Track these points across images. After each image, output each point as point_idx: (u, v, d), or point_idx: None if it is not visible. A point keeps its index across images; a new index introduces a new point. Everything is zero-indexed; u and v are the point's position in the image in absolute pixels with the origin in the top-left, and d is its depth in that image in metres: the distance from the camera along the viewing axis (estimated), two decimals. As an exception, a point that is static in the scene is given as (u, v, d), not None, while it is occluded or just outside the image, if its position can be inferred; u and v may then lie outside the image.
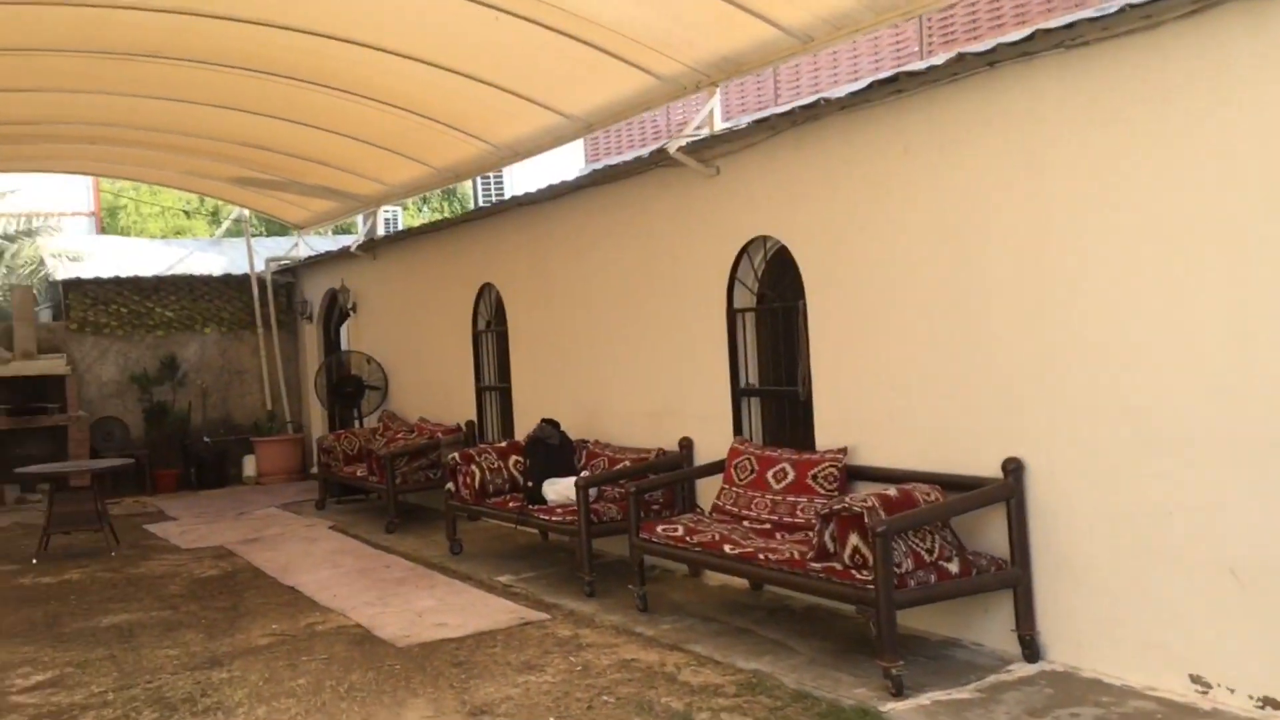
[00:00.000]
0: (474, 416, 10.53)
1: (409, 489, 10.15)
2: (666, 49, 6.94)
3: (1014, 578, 5.18)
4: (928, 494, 5.24)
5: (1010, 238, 5.24)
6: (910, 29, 10.89)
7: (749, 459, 6.63)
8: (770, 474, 6.40)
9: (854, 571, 4.95)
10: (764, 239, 6.94)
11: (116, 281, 13.98)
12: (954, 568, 5.07)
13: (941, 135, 5.55)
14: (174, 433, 13.93)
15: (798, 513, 6.11)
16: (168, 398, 14.05)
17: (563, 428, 8.10)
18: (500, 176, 17.22)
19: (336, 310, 14.13)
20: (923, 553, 5.01)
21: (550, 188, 8.79)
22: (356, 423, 12.42)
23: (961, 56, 5.22)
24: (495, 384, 10.45)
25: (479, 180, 17.30)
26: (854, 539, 4.93)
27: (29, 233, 15.02)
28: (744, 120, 7.79)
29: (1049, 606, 5.14)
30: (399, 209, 18.18)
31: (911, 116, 5.70)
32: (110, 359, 13.90)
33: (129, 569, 8.90)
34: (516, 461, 8.40)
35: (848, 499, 5.16)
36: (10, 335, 13.14)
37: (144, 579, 8.49)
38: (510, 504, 7.96)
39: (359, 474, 10.70)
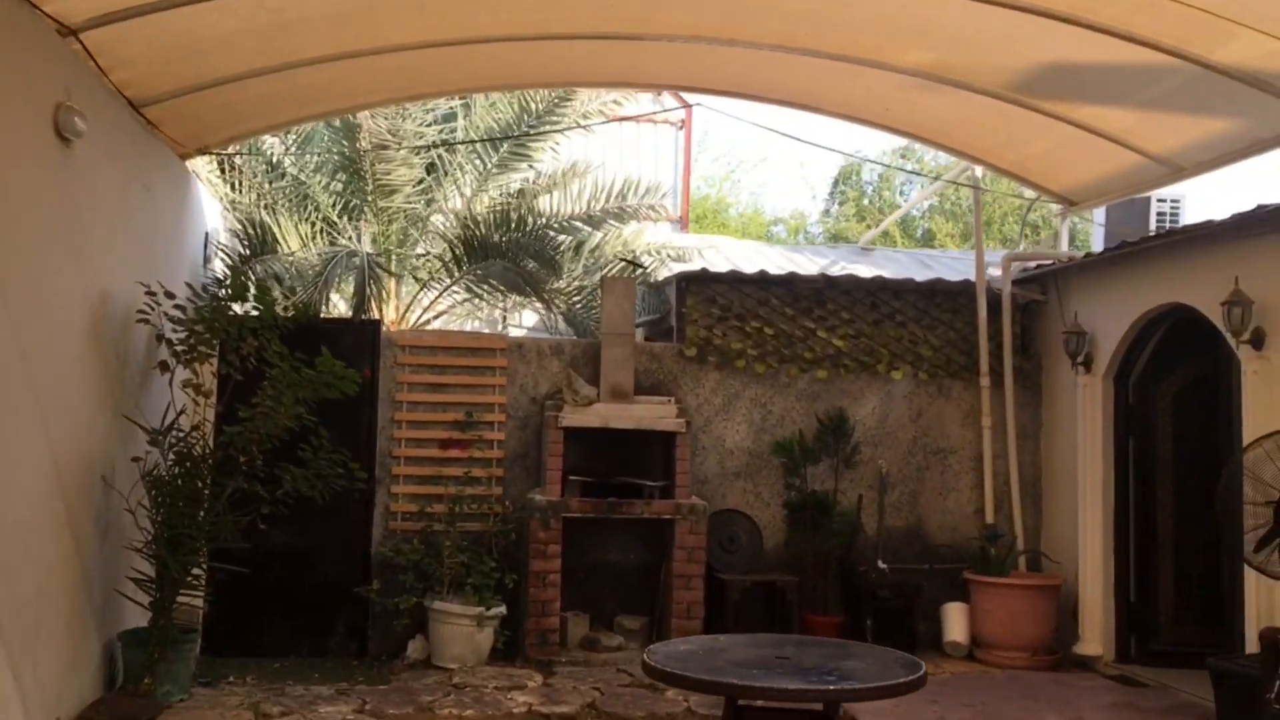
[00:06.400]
0: None
1: None
2: None
3: None
4: None
5: None
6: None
7: None
8: None
9: None
10: None
11: (760, 283, 8.36)
12: None
13: None
14: (831, 547, 7.99)
15: None
16: (826, 485, 8.16)
17: None
18: None
19: (1158, 350, 7.49)
20: None
21: None
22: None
23: None
24: None
25: None
26: None
27: (618, 215, 9.86)
28: None
29: None
30: None
31: None
32: (739, 410, 8.27)
33: None
34: None
35: None
36: (596, 360, 7.94)
37: None
38: None
39: None
